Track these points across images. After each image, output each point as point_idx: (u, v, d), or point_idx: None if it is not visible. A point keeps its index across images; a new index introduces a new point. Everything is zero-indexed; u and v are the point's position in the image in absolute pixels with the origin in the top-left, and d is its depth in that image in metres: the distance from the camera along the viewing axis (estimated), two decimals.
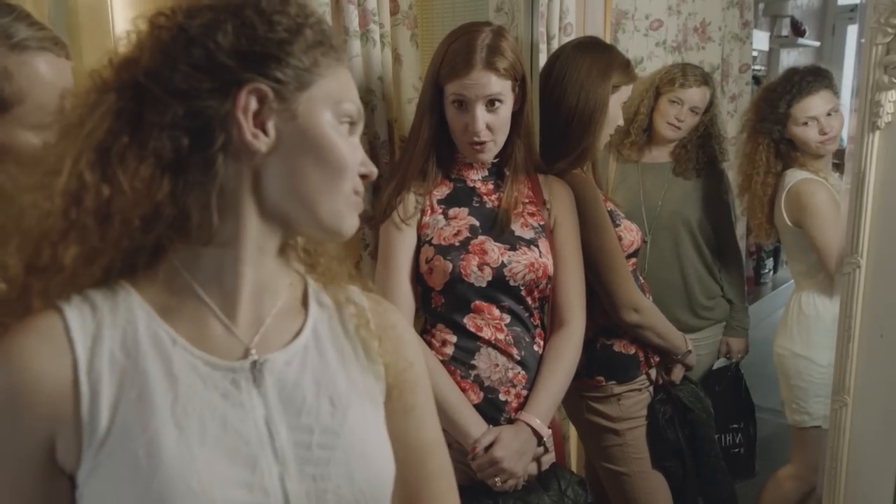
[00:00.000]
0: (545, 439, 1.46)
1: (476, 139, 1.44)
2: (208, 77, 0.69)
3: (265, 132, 0.71)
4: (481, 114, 1.42)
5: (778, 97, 2.09)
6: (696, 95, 2.25)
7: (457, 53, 1.43)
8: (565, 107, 1.65)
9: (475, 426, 1.41)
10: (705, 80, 2.30)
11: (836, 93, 2.04)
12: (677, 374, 1.79)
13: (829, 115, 2.03)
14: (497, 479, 1.40)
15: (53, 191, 0.68)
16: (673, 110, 2.27)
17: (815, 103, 2.04)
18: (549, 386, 1.47)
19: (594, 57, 1.65)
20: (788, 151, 2.11)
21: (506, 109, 1.45)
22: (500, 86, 1.42)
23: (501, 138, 1.48)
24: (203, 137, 0.69)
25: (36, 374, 0.66)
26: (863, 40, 1.27)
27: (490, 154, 1.49)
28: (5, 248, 0.69)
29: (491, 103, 1.43)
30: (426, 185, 1.50)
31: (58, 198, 0.68)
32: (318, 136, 0.73)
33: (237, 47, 0.69)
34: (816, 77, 2.06)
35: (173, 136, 0.68)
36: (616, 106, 1.68)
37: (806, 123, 2.05)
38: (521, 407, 1.46)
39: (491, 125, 1.44)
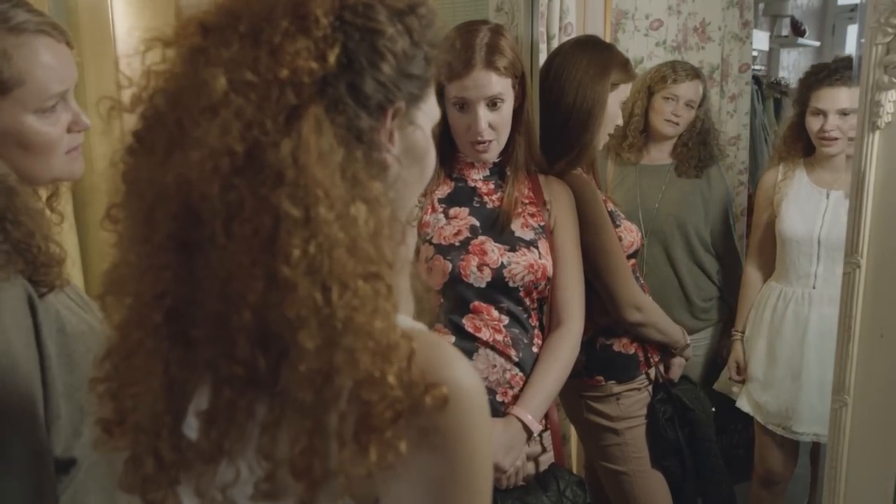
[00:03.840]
0: (543, 438, 1.46)
1: (479, 139, 1.44)
2: (382, 91, 0.64)
3: (393, 144, 0.67)
4: (483, 114, 1.42)
5: (807, 78, 2.05)
6: (689, 90, 2.26)
7: (456, 53, 1.42)
8: (564, 105, 1.65)
9: None
10: (696, 73, 2.31)
11: None
12: (676, 368, 1.79)
13: (843, 114, 1.93)
14: None
15: (321, 221, 0.58)
16: (669, 107, 2.28)
17: (827, 95, 1.95)
18: (542, 382, 1.46)
19: (593, 55, 1.65)
20: (796, 141, 2.09)
21: (507, 108, 1.45)
22: (501, 85, 1.42)
23: (504, 137, 1.48)
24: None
25: None
26: (862, 40, 1.26)
27: (493, 153, 1.49)
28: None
29: (492, 103, 1.43)
30: (429, 185, 1.50)
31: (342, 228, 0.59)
32: (426, 146, 0.72)
33: (402, 66, 0.65)
34: (845, 71, 1.95)
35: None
36: (615, 104, 1.68)
37: (816, 114, 1.98)
38: None
39: (493, 124, 1.44)
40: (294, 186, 0.57)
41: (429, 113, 0.71)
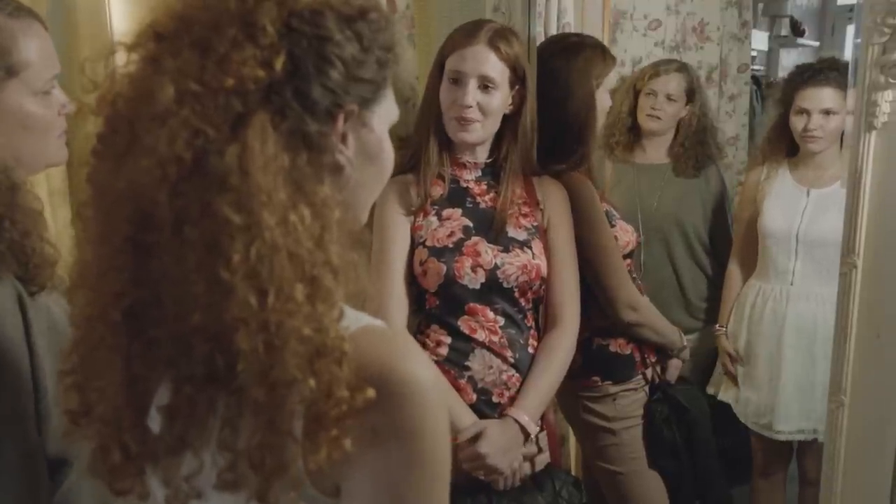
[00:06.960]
0: (539, 439, 1.45)
1: (463, 114, 1.43)
2: (330, 96, 0.65)
3: (346, 146, 0.69)
4: (473, 88, 1.42)
5: (792, 78, 2.08)
6: (668, 83, 2.26)
7: (463, 29, 1.46)
8: (556, 116, 1.62)
9: (464, 417, 1.41)
10: (679, 68, 2.31)
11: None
12: (673, 370, 1.79)
13: (826, 113, 1.96)
14: (480, 474, 1.39)
15: (264, 227, 0.59)
16: (649, 101, 2.29)
17: (811, 95, 1.98)
18: (539, 383, 1.46)
19: (572, 63, 1.64)
20: (780, 141, 2.10)
21: (499, 97, 1.44)
22: (498, 69, 1.42)
23: (489, 125, 1.47)
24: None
25: None
26: (859, 40, 1.26)
27: (474, 135, 1.47)
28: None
29: (485, 85, 1.43)
30: (427, 169, 1.48)
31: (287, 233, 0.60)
32: (380, 146, 0.73)
33: (352, 71, 0.66)
34: (830, 71, 1.98)
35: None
36: (603, 97, 1.68)
37: (800, 113, 2.00)
38: None
39: (482, 106, 1.43)
40: (238, 193, 0.58)
41: (383, 115, 0.72)
